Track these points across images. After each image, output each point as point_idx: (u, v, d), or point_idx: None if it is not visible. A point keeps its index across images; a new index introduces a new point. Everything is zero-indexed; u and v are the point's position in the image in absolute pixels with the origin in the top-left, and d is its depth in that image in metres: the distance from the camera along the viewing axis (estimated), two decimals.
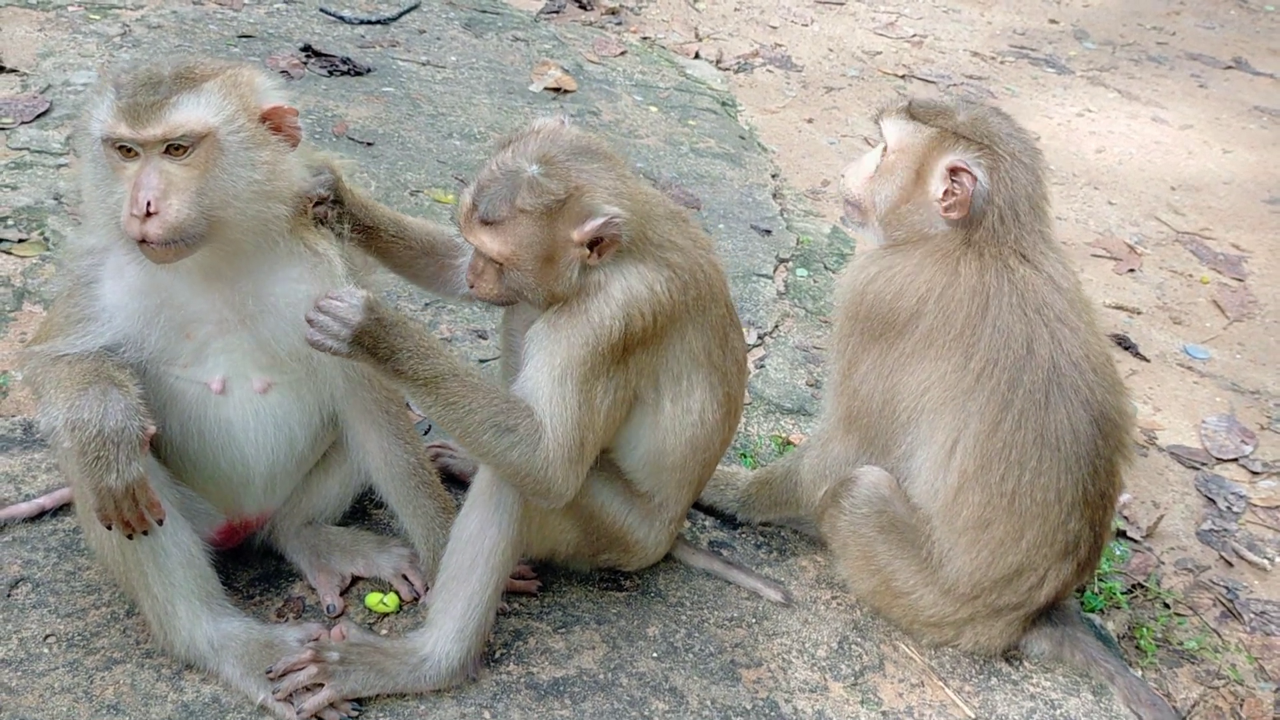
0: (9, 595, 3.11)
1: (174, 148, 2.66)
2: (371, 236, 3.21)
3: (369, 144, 5.75)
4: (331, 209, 3.02)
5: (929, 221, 3.31)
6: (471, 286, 2.96)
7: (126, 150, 2.67)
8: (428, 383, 2.79)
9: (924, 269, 3.25)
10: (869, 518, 3.38)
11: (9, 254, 4.47)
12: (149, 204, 2.60)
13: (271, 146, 2.79)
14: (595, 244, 2.85)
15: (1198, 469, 4.99)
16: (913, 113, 3.38)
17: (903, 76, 8.42)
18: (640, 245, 2.95)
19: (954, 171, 3.24)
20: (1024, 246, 3.25)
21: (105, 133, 2.65)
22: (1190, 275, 6.60)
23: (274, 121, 2.81)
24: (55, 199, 4.79)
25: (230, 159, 2.71)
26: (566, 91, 6.85)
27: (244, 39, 6.55)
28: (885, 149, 3.41)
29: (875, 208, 3.41)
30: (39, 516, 3.33)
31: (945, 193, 3.25)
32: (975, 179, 3.21)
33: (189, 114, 2.65)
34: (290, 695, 2.91)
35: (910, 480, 3.37)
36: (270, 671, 2.93)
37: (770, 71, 8.16)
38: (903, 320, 3.24)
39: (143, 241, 2.64)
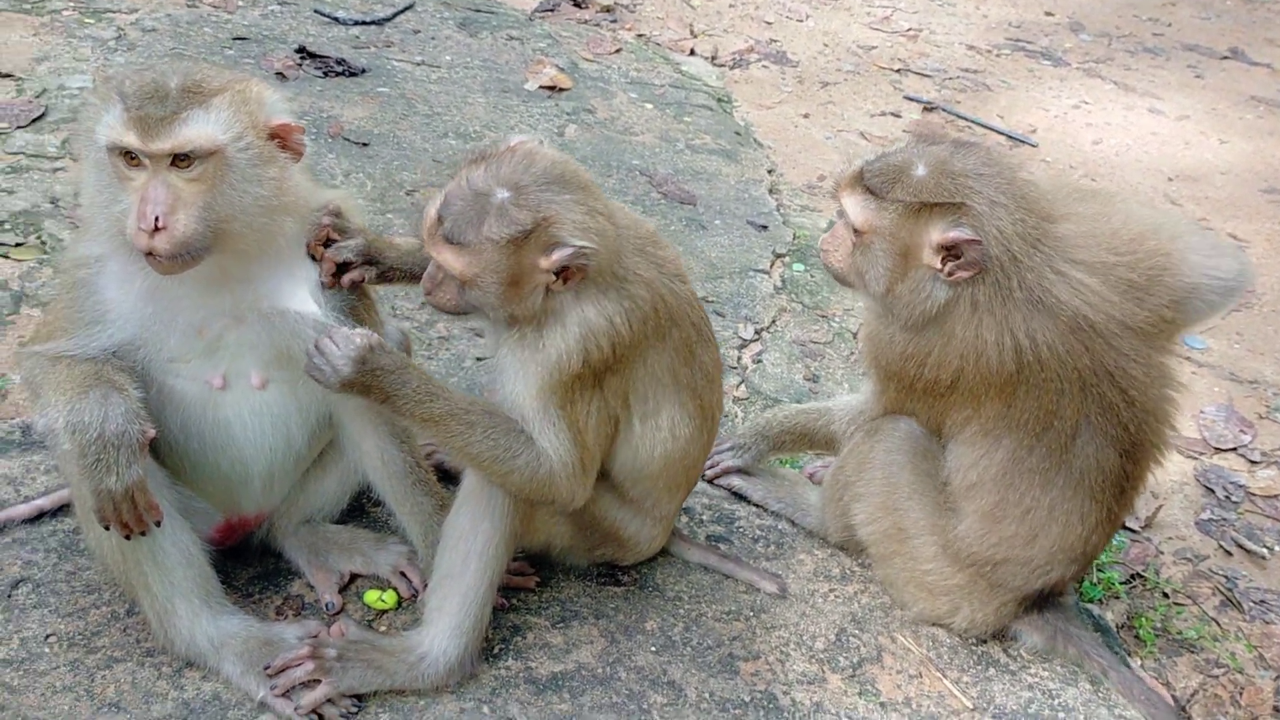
0: (9, 596, 3.12)
1: (180, 159, 2.66)
2: (400, 276, 3.17)
3: (364, 144, 5.76)
4: (369, 270, 3.02)
5: (933, 291, 3.20)
6: (428, 294, 2.93)
7: (131, 158, 2.67)
8: (426, 423, 2.86)
9: (950, 344, 3.21)
10: (906, 442, 3.44)
11: (6, 258, 4.49)
12: (157, 219, 2.61)
13: (278, 163, 2.81)
14: (561, 271, 2.83)
15: (1196, 459, 5.00)
16: (869, 186, 3.21)
17: (898, 70, 8.43)
18: (604, 277, 2.92)
19: (944, 247, 3.12)
20: (1033, 287, 3.13)
21: (112, 141, 2.65)
22: None
23: (281, 138, 2.82)
24: (51, 203, 4.81)
25: (237, 175, 2.72)
26: (562, 90, 6.86)
27: (239, 41, 6.56)
28: (853, 227, 3.26)
29: (867, 286, 3.30)
30: (38, 518, 3.34)
31: (944, 261, 3.13)
32: (976, 242, 3.09)
33: (198, 130, 2.65)
34: (289, 692, 2.92)
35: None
36: (268, 668, 2.94)
37: (765, 67, 8.17)
38: (944, 387, 3.27)
39: (149, 254, 2.65)
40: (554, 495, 2.99)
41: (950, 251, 3.12)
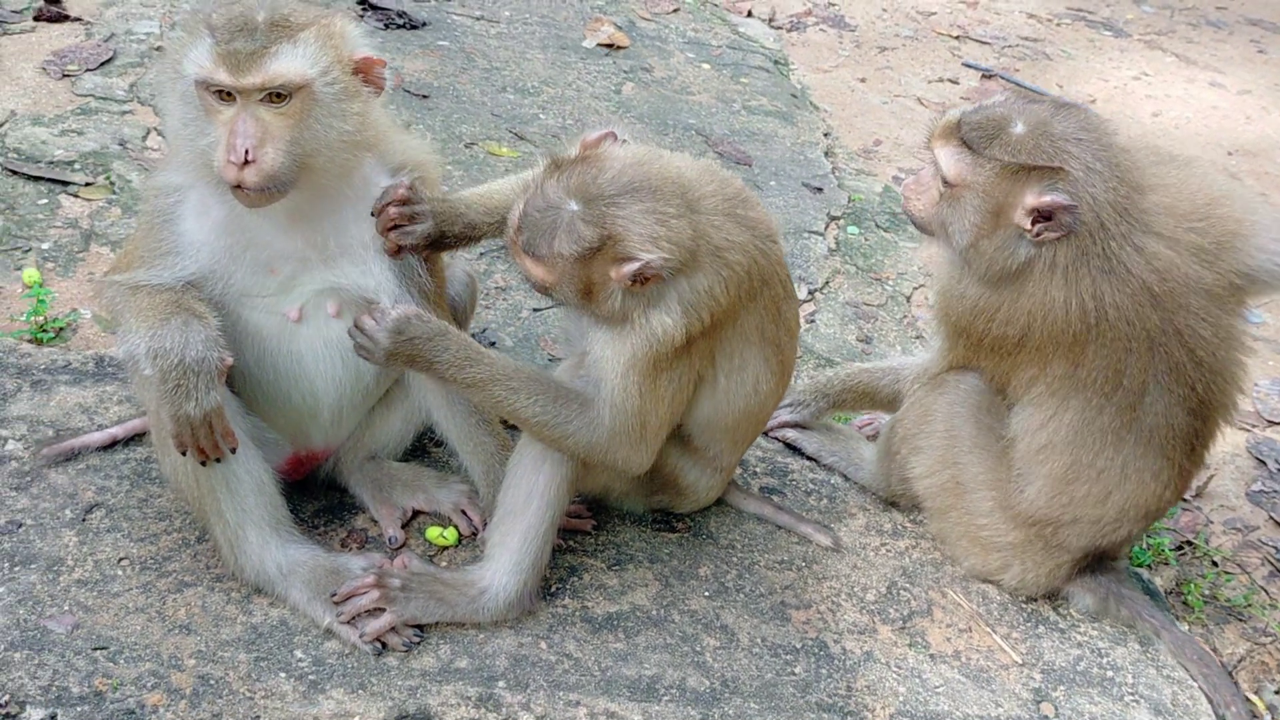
0: (84, 520, 3.22)
1: (272, 95, 2.71)
2: (465, 244, 3.21)
3: (424, 96, 5.80)
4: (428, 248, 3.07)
5: (1016, 250, 3.19)
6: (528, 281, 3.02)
7: (222, 93, 2.72)
8: (471, 387, 2.95)
9: (1020, 300, 3.21)
10: (971, 395, 3.46)
11: (76, 196, 4.58)
12: (247, 152, 2.66)
13: (361, 97, 2.85)
14: (637, 276, 2.85)
15: (1249, 431, 4.98)
16: (967, 140, 3.19)
17: (957, 37, 8.36)
18: (695, 260, 2.93)
19: (1039, 211, 3.11)
20: (1114, 257, 3.14)
21: (203, 76, 2.70)
22: None
23: (364, 72, 2.86)
24: (120, 144, 4.89)
25: (324, 110, 2.77)
26: (619, 48, 6.86)
27: None
28: (944, 179, 3.25)
29: (950, 238, 3.29)
30: (111, 446, 3.42)
31: (1033, 223, 3.13)
32: (1072, 207, 3.08)
33: (288, 65, 2.69)
34: (354, 619, 2.99)
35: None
36: (334, 595, 3.02)
37: (823, 30, 8.13)
38: (1012, 344, 3.27)
39: (237, 187, 2.71)
40: (610, 461, 3.05)
41: (1042, 214, 3.11)
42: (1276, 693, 3.80)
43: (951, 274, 3.41)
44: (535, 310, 4.50)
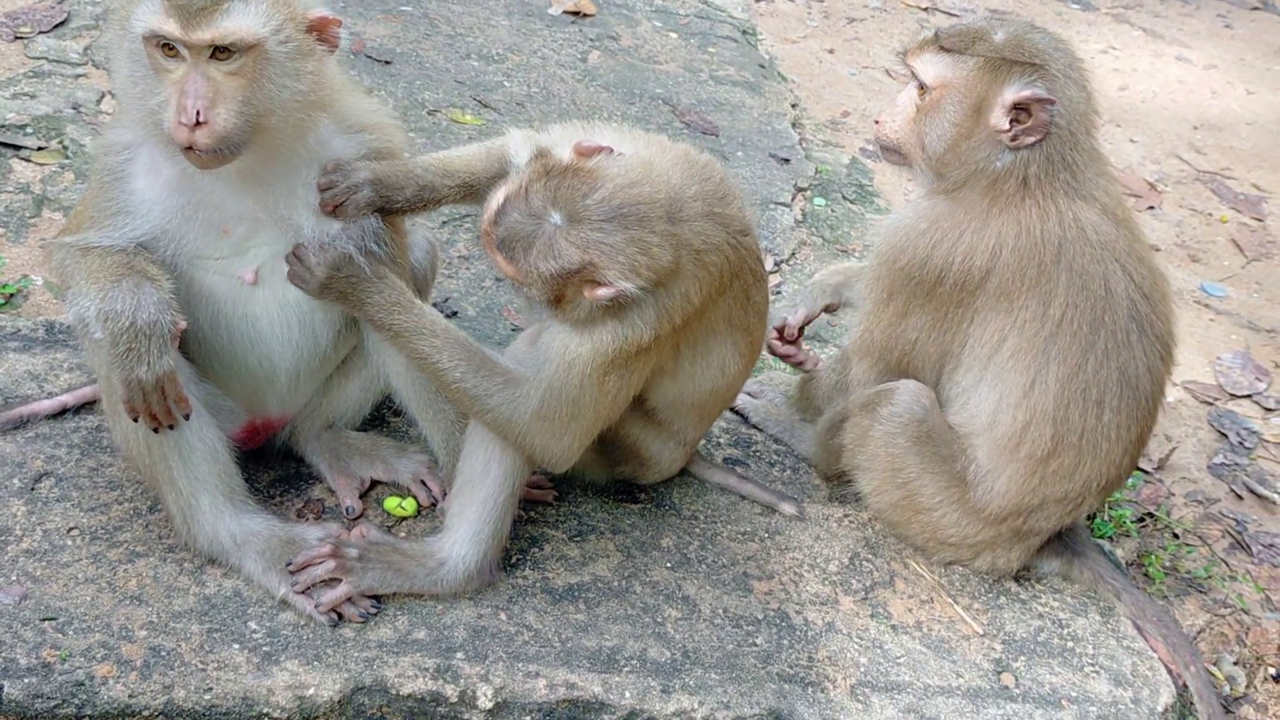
0: (33, 489, 3.15)
1: (220, 51, 2.63)
2: (410, 211, 3.13)
3: (387, 62, 5.71)
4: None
5: (991, 156, 3.19)
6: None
7: (169, 49, 2.63)
8: (398, 336, 2.92)
9: (988, 223, 3.18)
10: (907, 426, 3.37)
11: (28, 161, 4.47)
12: (198, 113, 2.59)
13: (315, 56, 2.78)
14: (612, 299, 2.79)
15: (1211, 404, 5.01)
16: (945, 45, 3.23)
17: (925, 9, 8.32)
18: (676, 271, 2.85)
19: (1019, 104, 3.12)
20: (1077, 176, 3.17)
21: (151, 29, 2.60)
22: (1210, 214, 6.57)
23: (319, 30, 2.79)
24: (74, 108, 4.78)
25: (277, 69, 2.69)
26: (586, 15, 6.78)
27: None
28: (922, 87, 3.26)
29: (925, 149, 3.27)
30: (61, 414, 3.35)
31: (1011, 122, 3.14)
32: (1052, 103, 3.10)
33: (240, 23, 2.60)
34: (309, 590, 2.95)
35: (953, 405, 3.39)
36: (289, 565, 2.97)
37: (792, 0, 8.07)
38: (975, 281, 3.20)
39: (189, 149, 2.64)
40: (525, 444, 2.97)
41: (1023, 111, 3.12)
42: (1235, 664, 3.82)
43: (913, 211, 3.36)
44: (498, 280, 4.45)
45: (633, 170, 2.81)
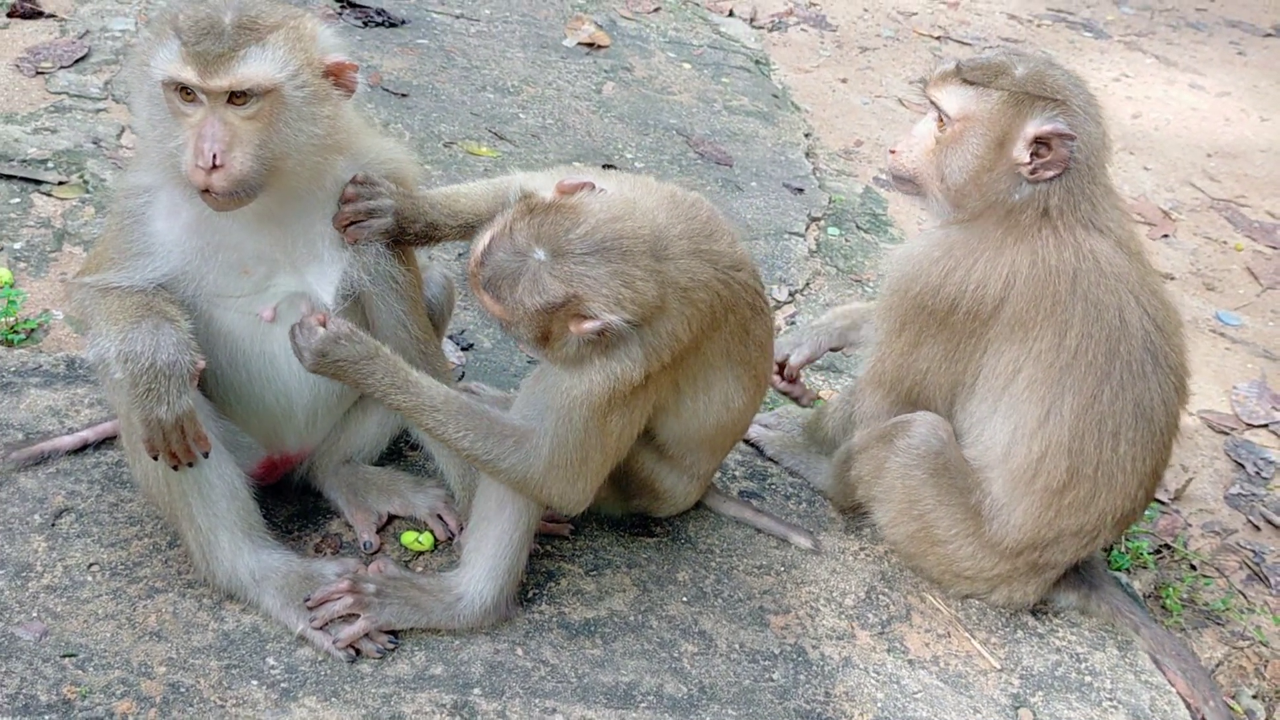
0: (53, 525, 3.17)
1: (237, 96, 2.67)
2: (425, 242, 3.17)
3: (403, 95, 5.76)
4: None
5: (1010, 188, 3.23)
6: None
7: (187, 94, 2.68)
8: (401, 412, 2.93)
9: (1003, 252, 3.21)
10: (924, 459, 3.38)
11: (49, 196, 4.52)
12: (215, 157, 2.63)
13: (332, 100, 2.81)
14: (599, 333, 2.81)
15: (1227, 434, 4.99)
16: (968, 77, 3.26)
17: (938, 38, 8.36)
18: (662, 308, 2.86)
19: (1041, 139, 3.16)
20: (1096, 209, 3.22)
21: (170, 77, 2.65)
22: (1224, 242, 6.56)
23: (335, 75, 2.82)
24: (94, 143, 4.83)
25: (293, 113, 2.73)
26: (600, 47, 6.83)
27: None
28: (942, 119, 3.29)
29: (944, 180, 3.30)
30: (82, 449, 3.38)
31: (1032, 156, 3.17)
32: (1072, 138, 3.15)
33: (256, 69, 2.65)
34: (327, 625, 2.96)
35: (966, 437, 3.40)
36: (308, 600, 2.98)
37: (804, 30, 8.11)
38: (988, 310, 3.22)
39: (205, 191, 2.67)
40: (543, 496, 3.00)
41: (1044, 145, 3.16)
42: (1254, 697, 3.80)
43: (926, 241, 3.37)
44: (487, 325, 4.46)
45: (615, 206, 2.84)
